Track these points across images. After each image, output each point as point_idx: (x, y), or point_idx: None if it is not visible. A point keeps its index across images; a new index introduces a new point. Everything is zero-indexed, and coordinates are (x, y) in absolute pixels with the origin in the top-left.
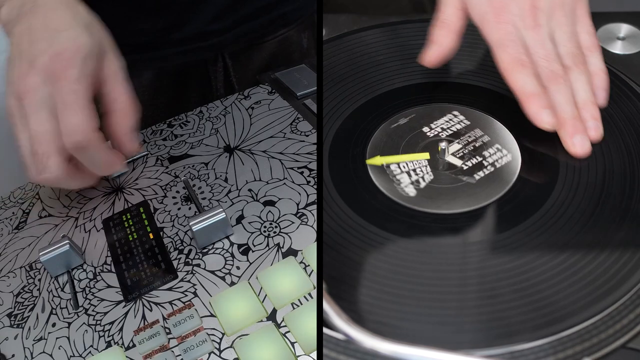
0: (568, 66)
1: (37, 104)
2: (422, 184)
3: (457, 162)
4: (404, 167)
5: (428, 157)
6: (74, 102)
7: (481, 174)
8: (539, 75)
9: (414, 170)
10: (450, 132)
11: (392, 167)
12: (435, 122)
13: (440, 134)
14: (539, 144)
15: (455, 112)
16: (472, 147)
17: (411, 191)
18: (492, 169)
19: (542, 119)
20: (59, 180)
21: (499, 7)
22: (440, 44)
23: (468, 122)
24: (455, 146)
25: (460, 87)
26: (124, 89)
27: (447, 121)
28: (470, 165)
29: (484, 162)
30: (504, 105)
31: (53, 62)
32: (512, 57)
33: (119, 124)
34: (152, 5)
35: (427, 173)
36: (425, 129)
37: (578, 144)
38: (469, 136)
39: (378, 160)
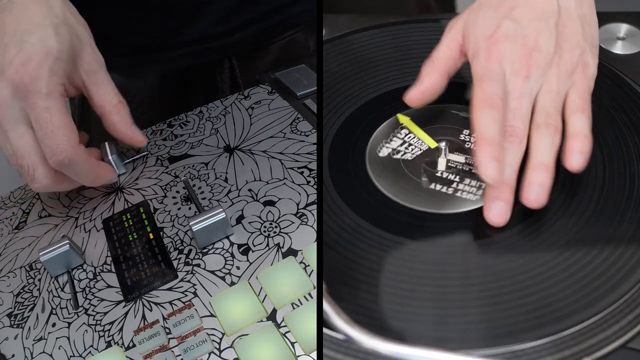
0: (538, 123)
1: (12, 119)
2: (394, 156)
3: (442, 167)
4: (409, 137)
5: (432, 146)
6: (48, 121)
7: (438, 187)
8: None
9: (410, 144)
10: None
11: (403, 131)
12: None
13: (466, 144)
14: None
15: None
16: (467, 169)
17: (383, 153)
18: (451, 192)
19: (485, 169)
20: (52, 187)
21: (494, 46)
22: (423, 83)
23: None
24: (458, 157)
25: None
26: (108, 90)
27: None
28: (444, 176)
29: (454, 184)
30: None
31: (20, 74)
32: (485, 94)
33: (115, 124)
34: (159, 7)
35: (411, 153)
36: (466, 132)
37: (495, 211)
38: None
39: (404, 119)
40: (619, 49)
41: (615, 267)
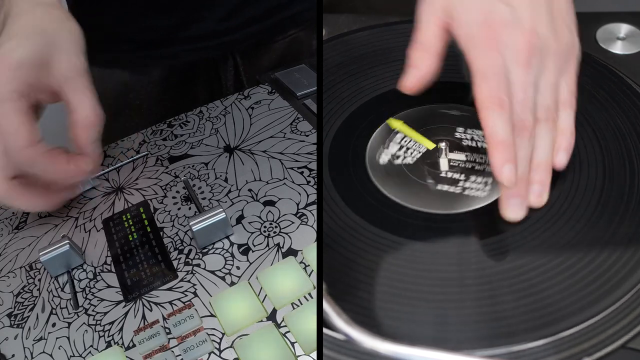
0: (539, 119)
1: None
2: (396, 162)
3: (445, 167)
4: (405, 140)
5: (431, 147)
6: (7, 122)
7: (445, 187)
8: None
9: (408, 148)
10: (474, 145)
11: (398, 135)
12: (474, 130)
13: (463, 141)
14: None
15: None
16: (469, 167)
17: (383, 160)
18: (459, 191)
19: (502, 173)
20: (6, 199)
21: (490, 33)
22: (419, 68)
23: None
24: (459, 156)
25: None
26: (83, 99)
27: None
28: (449, 176)
29: (460, 183)
30: None
31: None
32: (492, 93)
33: (77, 136)
34: (165, 3)
35: (411, 157)
36: (460, 129)
37: (512, 208)
38: (480, 159)
39: (397, 124)
40: (619, 49)
41: (616, 268)
